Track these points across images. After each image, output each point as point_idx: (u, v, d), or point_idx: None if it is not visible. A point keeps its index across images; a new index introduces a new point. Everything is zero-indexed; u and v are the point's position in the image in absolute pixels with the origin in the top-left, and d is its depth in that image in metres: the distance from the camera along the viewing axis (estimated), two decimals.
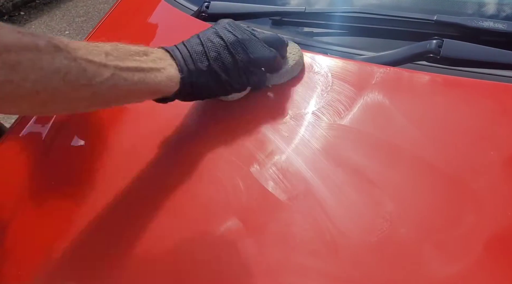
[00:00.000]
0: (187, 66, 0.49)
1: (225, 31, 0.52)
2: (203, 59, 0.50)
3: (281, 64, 0.56)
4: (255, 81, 0.54)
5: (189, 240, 0.46)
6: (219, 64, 0.50)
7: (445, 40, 0.54)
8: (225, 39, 0.51)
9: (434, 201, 0.44)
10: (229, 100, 0.56)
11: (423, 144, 0.48)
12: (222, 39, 0.51)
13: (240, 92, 0.55)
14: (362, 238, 0.43)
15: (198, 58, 0.49)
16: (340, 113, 0.53)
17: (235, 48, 0.51)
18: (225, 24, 0.53)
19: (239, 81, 0.52)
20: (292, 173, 0.48)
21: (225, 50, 0.50)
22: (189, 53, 0.49)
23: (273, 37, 0.55)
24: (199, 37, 0.52)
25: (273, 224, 0.46)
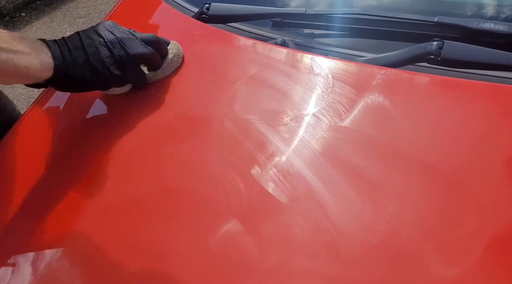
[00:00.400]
0: (62, 56, 0.51)
1: (104, 30, 0.55)
2: (80, 53, 0.52)
3: (159, 61, 0.59)
4: (133, 78, 0.58)
5: (189, 242, 0.46)
6: (96, 58, 0.53)
7: (445, 42, 0.54)
8: (104, 37, 0.54)
9: (435, 203, 0.44)
10: (110, 93, 0.59)
11: (423, 146, 0.48)
12: (101, 36, 0.54)
13: (120, 88, 0.58)
14: (363, 239, 0.43)
15: (75, 51, 0.52)
16: (340, 115, 0.53)
17: (113, 45, 0.54)
18: (105, 24, 0.56)
19: (116, 76, 0.55)
20: (293, 174, 0.48)
21: (103, 46, 0.53)
22: (67, 45, 0.52)
23: (152, 36, 0.59)
24: (79, 33, 0.54)
25: (273, 226, 0.46)
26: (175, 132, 0.56)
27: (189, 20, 0.71)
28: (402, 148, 0.49)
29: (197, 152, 0.53)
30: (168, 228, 0.48)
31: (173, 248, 0.46)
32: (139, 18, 0.78)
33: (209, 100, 0.59)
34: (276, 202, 0.47)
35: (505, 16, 0.61)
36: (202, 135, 0.55)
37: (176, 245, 0.46)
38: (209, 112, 0.57)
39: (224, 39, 0.67)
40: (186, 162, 0.53)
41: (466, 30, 0.56)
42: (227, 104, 0.57)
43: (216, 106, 0.57)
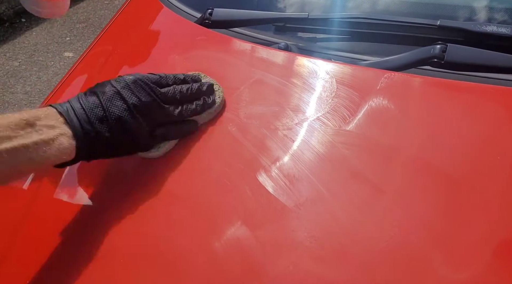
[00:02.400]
0: (83, 132, 0.43)
1: (127, 92, 0.46)
2: (104, 127, 0.44)
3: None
4: (169, 136, 0.51)
5: (195, 247, 0.46)
6: (120, 127, 0.45)
7: (449, 45, 0.54)
8: (128, 102, 0.46)
9: (443, 207, 0.44)
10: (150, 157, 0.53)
11: (430, 149, 0.48)
12: (125, 101, 0.46)
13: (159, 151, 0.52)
14: (371, 244, 0.43)
15: (98, 125, 0.44)
16: (345, 119, 0.53)
17: (139, 112, 0.46)
18: (128, 82, 0.47)
19: (146, 142, 0.49)
20: (299, 179, 0.48)
21: (128, 114, 0.45)
22: (87, 116, 0.44)
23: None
24: (98, 97, 0.46)
25: (280, 231, 0.46)
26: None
27: (192, 25, 0.71)
28: (407, 151, 0.49)
29: (201, 157, 0.53)
30: (173, 234, 0.48)
31: (179, 254, 0.46)
32: (142, 24, 0.78)
33: None
34: (282, 206, 0.47)
35: (508, 19, 0.61)
36: (207, 140, 0.55)
37: (182, 250, 0.46)
38: (213, 117, 0.57)
39: (227, 44, 0.67)
40: (191, 167, 0.53)
41: (469, 33, 0.56)
42: (231, 109, 0.57)
43: (220, 111, 0.57)
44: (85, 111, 0.44)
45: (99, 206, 0.53)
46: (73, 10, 2.88)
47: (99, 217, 0.52)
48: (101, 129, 0.44)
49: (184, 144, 0.55)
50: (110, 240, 0.49)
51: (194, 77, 0.55)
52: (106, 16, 2.80)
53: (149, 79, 0.48)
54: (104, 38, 0.78)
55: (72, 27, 2.70)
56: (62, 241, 0.50)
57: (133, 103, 0.46)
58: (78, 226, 0.51)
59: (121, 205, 0.51)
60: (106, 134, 0.45)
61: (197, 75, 0.57)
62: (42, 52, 2.45)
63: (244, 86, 0.59)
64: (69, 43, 2.52)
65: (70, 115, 0.43)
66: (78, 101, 0.45)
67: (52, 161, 0.42)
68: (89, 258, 0.48)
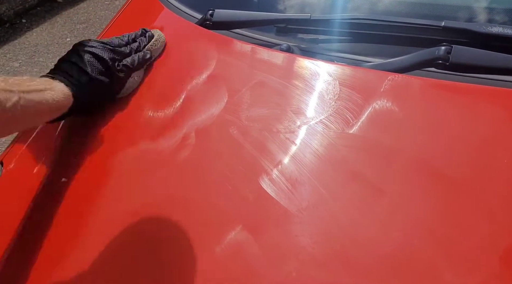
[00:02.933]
0: (69, 81, 0.54)
1: (83, 48, 0.59)
2: (81, 73, 0.56)
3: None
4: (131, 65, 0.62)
5: (196, 252, 0.45)
6: (96, 72, 0.57)
7: (454, 47, 0.53)
8: (90, 51, 0.58)
9: (448, 211, 0.43)
10: (125, 95, 0.63)
11: (434, 153, 0.48)
12: (87, 52, 0.58)
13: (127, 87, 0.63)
14: (375, 248, 0.42)
15: (75, 74, 0.56)
16: (348, 122, 0.52)
17: (102, 54, 0.59)
18: (80, 45, 0.60)
19: (119, 77, 0.60)
20: (301, 183, 0.48)
21: (93, 58, 0.58)
22: (67, 72, 0.56)
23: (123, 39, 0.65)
24: (65, 59, 0.58)
25: (282, 236, 0.45)
26: (181, 141, 0.56)
27: (193, 26, 0.70)
28: (411, 155, 0.48)
29: (202, 160, 0.53)
30: (173, 238, 0.47)
31: (179, 259, 0.45)
32: (142, 25, 0.77)
33: (214, 108, 0.58)
34: (284, 211, 0.46)
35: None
36: (208, 144, 0.54)
37: (182, 255, 0.46)
38: (214, 120, 0.56)
39: (228, 45, 0.66)
40: (192, 170, 0.52)
41: (475, 34, 0.55)
42: (233, 112, 0.56)
43: (222, 113, 0.57)
44: (58, 69, 0.56)
45: (99, 207, 0.52)
46: (73, 11, 2.88)
47: (99, 220, 0.51)
48: (79, 76, 0.56)
49: (185, 146, 0.54)
50: (110, 243, 0.48)
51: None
52: (106, 16, 2.80)
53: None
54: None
55: (72, 27, 2.69)
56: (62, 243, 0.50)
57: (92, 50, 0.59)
58: (78, 230, 0.51)
59: (121, 207, 0.51)
60: (85, 79, 0.56)
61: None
62: (42, 53, 2.44)
63: (246, 89, 0.58)
64: (70, 44, 2.50)
65: (56, 75, 0.55)
66: (55, 69, 0.57)
67: (59, 103, 0.52)
68: (90, 261, 0.47)
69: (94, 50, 0.58)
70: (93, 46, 0.59)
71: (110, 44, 0.61)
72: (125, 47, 0.63)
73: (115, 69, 0.60)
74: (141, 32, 0.67)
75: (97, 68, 0.58)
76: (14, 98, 0.45)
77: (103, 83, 0.58)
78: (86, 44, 0.59)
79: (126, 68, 0.61)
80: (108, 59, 0.59)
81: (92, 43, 0.60)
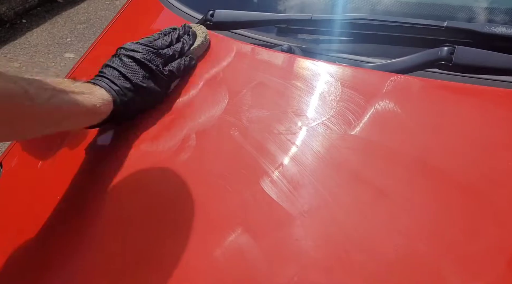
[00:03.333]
0: (110, 87, 0.53)
1: (126, 51, 0.58)
2: (123, 80, 0.55)
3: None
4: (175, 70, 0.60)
5: (196, 255, 0.45)
6: (137, 79, 0.56)
7: (457, 47, 0.53)
8: (132, 55, 0.57)
9: (452, 214, 0.43)
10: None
11: (438, 155, 0.47)
12: (129, 57, 0.57)
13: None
14: (378, 253, 0.41)
15: (117, 80, 0.54)
16: (350, 123, 0.51)
17: (145, 58, 0.57)
18: (124, 48, 0.58)
19: (163, 82, 0.58)
20: (303, 185, 0.47)
21: (135, 64, 0.56)
22: (109, 78, 0.54)
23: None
24: (108, 65, 0.57)
25: (284, 240, 0.44)
26: (181, 142, 0.55)
27: None
28: (414, 156, 0.48)
29: (203, 162, 0.52)
30: (174, 241, 0.47)
31: (179, 263, 0.45)
32: (142, 25, 0.77)
33: (215, 109, 0.57)
34: (286, 214, 0.46)
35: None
36: (208, 145, 0.54)
37: (182, 259, 0.45)
38: (215, 121, 0.56)
39: (229, 46, 0.65)
40: (193, 172, 0.52)
41: (478, 34, 0.55)
42: (234, 113, 0.56)
43: (222, 115, 0.56)
44: (105, 76, 0.54)
45: (99, 209, 0.52)
46: (74, 11, 2.88)
47: (98, 221, 0.51)
48: (121, 83, 0.54)
49: (185, 148, 0.54)
50: (110, 244, 0.48)
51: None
52: (107, 17, 2.79)
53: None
54: (104, 39, 0.77)
55: (73, 28, 2.69)
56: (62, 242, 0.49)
57: (135, 55, 0.57)
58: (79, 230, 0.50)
59: (121, 209, 0.50)
60: (127, 85, 0.55)
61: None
62: (42, 53, 2.44)
63: (247, 90, 0.58)
64: (70, 44, 2.51)
65: (96, 81, 0.54)
66: (99, 75, 0.55)
67: (97, 108, 0.50)
68: (89, 261, 0.47)
69: (136, 54, 0.57)
70: (135, 50, 0.57)
71: (153, 46, 0.59)
72: (168, 48, 0.61)
73: (160, 73, 0.58)
74: (184, 30, 0.64)
75: (139, 73, 0.56)
76: (46, 94, 0.43)
77: (146, 89, 0.56)
78: (128, 48, 0.58)
79: (171, 74, 0.59)
80: (151, 63, 0.57)
81: (135, 46, 0.58)
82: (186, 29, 0.64)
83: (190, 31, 0.64)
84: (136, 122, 0.59)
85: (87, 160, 0.57)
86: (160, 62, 0.58)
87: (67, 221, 0.52)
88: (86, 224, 0.51)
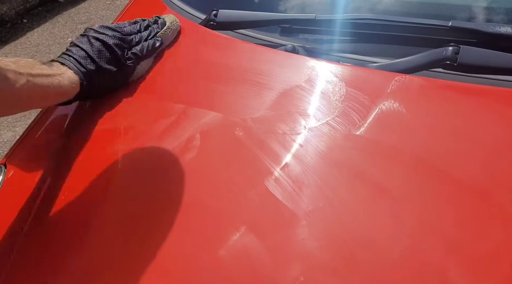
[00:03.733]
0: (80, 71, 0.56)
1: (94, 33, 0.60)
2: (88, 61, 0.57)
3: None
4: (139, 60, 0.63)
5: (201, 256, 0.45)
6: (104, 59, 0.58)
7: (462, 47, 0.53)
8: (101, 38, 0.59)
9: (459, 216, 0.43)
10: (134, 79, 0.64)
11: (444, 155, 0.47)
12: (97, 39, 0.59)
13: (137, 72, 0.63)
14: (383, 253, 0.41)
15: (83, 60, 0.57)
16: (355, 123, 0.51)
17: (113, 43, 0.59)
18: (92, 30, 0.61)
19: (127, 66, 0.61)
20: (308, 185, 0.47)
21: (103, 47, 0.58)
22: (76, 59, 0.57)
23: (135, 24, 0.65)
24: (76, 44, 0.59)
25: (289, 240, 0.44)
26: (185, 143, 0.55)
27: (197, 27, 0.69)
28: (419, 157, 0.48)
29: (208, 163, 0.52)
30: (179, 241, 0.46)
31: (184, 262, 0.45)
32: None
33: (219, 109, 0.57)
34: (291, 214, 0.45)
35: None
36: (213, 146, 0.54)
37: (188, 258, 0.45)
38: (219, 122, 0.56)
39: (232, 46, 0.65)
40: (197, 172, 0.52)
41: (483, 34, 0.55)
42: (238, 114, 0.56)
43: (227, 115, 0.56)
44: (69, 54, 0.57)
45: (103, 209, 0.52)
46: (75, 11, 2.88)
47: (103, 222, 0.51)
48: (87, 64, 0.57)
49: (190, 148, 0.54)
50: (115, 245, 0.48)
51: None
52: (107, 16, 2.79)
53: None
54: None
55: (74, 27, 2.69)
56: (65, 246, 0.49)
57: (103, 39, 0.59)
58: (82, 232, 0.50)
59: (125, 209, 0.50)
60: (93, 67, 0.57)
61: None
62: (44, 53, 2.44)
63: (250, 90, 0.58)
64: None
65: (66, 61, 0.56)
66: (66, 52, 0.58)
67: (65, 89, 0.54)
68: (94, 263, 0.47)
69: (104, 37, 0.59)
70: (103, 33, 0.59)
71: (122, 32, 0.62)
72: (135, 35, 0.63)
73: (123, 58, 0.60)
74: (154, 20, 0.67)
75: (105, 57, 0.58)
76: (22, 81, 0.47)
77: (111, 72, 0.59)
78: (97, 30, 0.60)
79: (135, 57, 0.61)
80: (117, 48, 0.59)
81: (104, 30, 0.60)
82: (155, 19, 0.67)
83: (159, 21, 0.67)
84: (139, 122, 0.59)
85: (90, 160, 0.57)
86: (126, 47, 0.61)
87: (72, 220, 0.52)
88: (90, 224, 0.51)
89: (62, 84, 0.53)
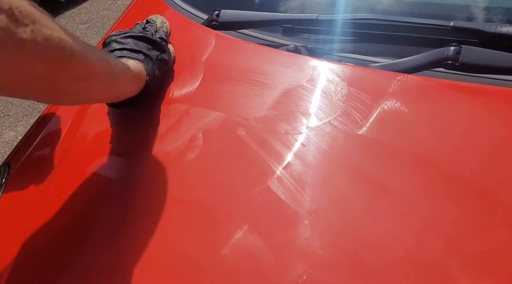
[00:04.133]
0: (147, 64, 0.56)
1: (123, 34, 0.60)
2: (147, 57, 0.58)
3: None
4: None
5: (204, 255, 0.45)
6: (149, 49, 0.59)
7: (463, 47, 0.53)
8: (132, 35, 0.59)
9: (461, 215, 0.43)
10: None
11: (446, 155, 0.47)
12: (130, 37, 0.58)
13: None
14: (387, 253, 0.41)
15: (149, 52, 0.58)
16: (357, 123, 0.52)
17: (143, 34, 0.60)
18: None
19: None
20: (311, 185, 0.47)
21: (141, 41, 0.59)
22: (141, 52, 0.57)
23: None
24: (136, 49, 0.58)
25: (292, 239, 0.44)
26: (188, 142, 0.55)
27: (199, 27, 0.70)
28: (421, 156, 0.48)
29: (211, 162, 0.52)
30: (181, 240, 0.47)
31: (187, 261, 0.45)
32: None
33: (221, 109, 0.57)
34: (294, 213, 0.46)
35: None
36: (216, 146, 0.54)
37: (190, 257, 0.45)
38: (222, 121, 0.56)
39: (235, 46, 0.66)
40: (200, 171, 0.52)
41: (484, 34, 0.55)
42: (241, 113, 0.56)
43: (229, 115, 0.56)
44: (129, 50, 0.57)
45: (107, 208, 0.52)
46: (76, 11, 2.88)
47: (107, 220, 0.51)
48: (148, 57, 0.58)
49: (192, 148, 0.54)
50: (117, 244, 0.48)
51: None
52: (109, 16, 2.79)
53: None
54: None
55: (75, 28, 2.69)
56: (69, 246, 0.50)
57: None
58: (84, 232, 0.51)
59: (128, 207, 0.51)
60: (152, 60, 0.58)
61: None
62: None
63: (253, 89, 0.58)
64: None
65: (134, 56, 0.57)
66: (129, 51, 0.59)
67: (140, 76, 0.55)
68: (96, 262, 0.47)
69: (137, 33, 0.59)
70: (132, 31, 0.59)
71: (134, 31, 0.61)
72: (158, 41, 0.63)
73: (160, 40, 0.61)
74: (146, 21, 0.67)
75: (146, 47, 0.59)
76: (121, 67, 0.51)
77: (162, 60, 0.60)
78: (121, 33, 0.59)
79: (162, 40, 0.63)
80: (150, 36, 0.60)
81: (126, 30, 0.60)
82: (147, 20, 0.68)
83: (150, 21, 0.67)
84: (142, 122, 0.59)
85: (94, 160, 0.57)
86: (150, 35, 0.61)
87: (76, 220, 0.52)
88: (93, 224, 0.51)
89: (137, 68, 0.54)
